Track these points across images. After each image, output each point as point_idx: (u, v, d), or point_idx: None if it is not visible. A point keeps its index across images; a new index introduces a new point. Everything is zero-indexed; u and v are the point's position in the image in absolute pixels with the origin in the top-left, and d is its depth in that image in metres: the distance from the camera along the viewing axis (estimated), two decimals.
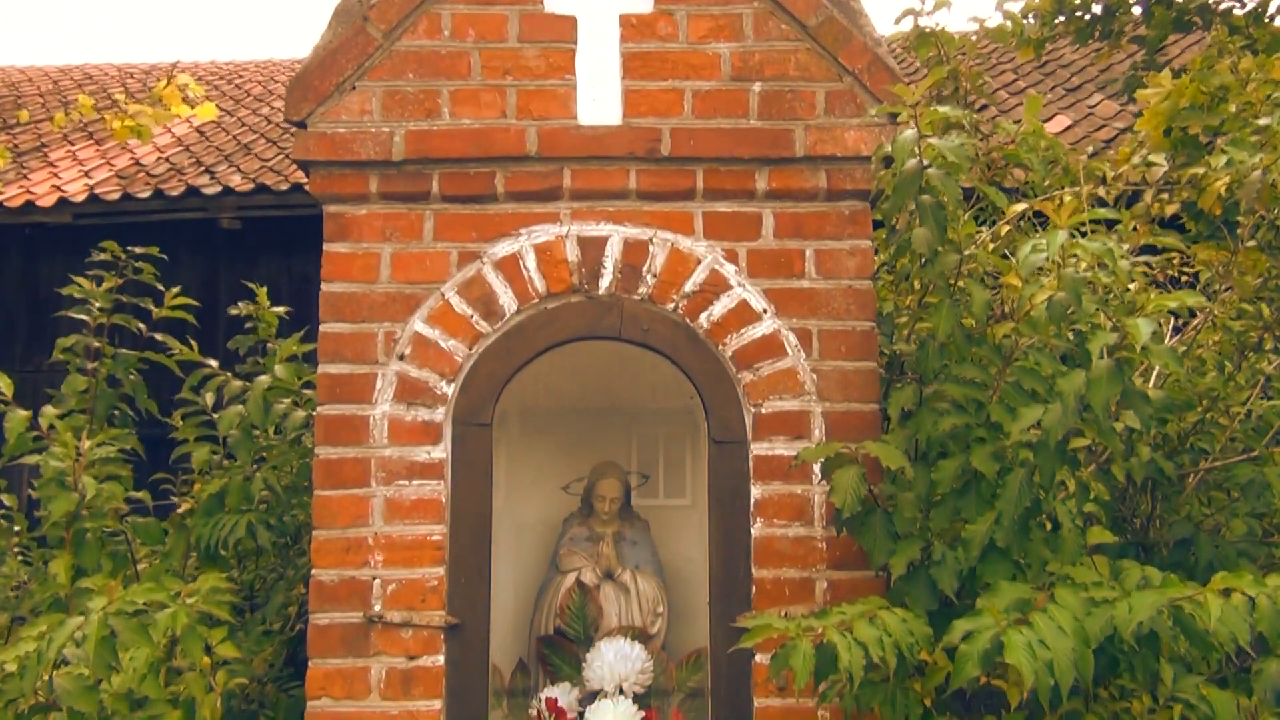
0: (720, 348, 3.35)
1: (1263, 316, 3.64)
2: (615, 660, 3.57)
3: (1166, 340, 2.93)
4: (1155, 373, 3.43)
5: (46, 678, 2.83)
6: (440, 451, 3.31)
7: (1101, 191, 3.81)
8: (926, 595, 2.94)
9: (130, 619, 2.76)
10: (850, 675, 2.63)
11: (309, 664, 3.19)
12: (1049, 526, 2.98)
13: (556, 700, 3.48)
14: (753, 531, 3.31)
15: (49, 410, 3.72)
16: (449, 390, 3.33)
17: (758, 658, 3.24)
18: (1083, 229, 3.18)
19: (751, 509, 3.31)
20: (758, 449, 3.32)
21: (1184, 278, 4.04)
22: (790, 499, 3.30)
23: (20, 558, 3.96)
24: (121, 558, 3.63)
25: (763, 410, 3.32)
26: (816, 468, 3.28)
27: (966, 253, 3.11)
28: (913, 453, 3.13)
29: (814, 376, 3.34)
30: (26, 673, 2.73)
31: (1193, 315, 3.84)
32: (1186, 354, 3.64)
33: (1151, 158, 3.85)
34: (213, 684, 3.02)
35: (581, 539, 3.90)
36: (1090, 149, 4.26)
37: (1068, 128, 8.40)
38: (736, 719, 3.28)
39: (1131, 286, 3.27)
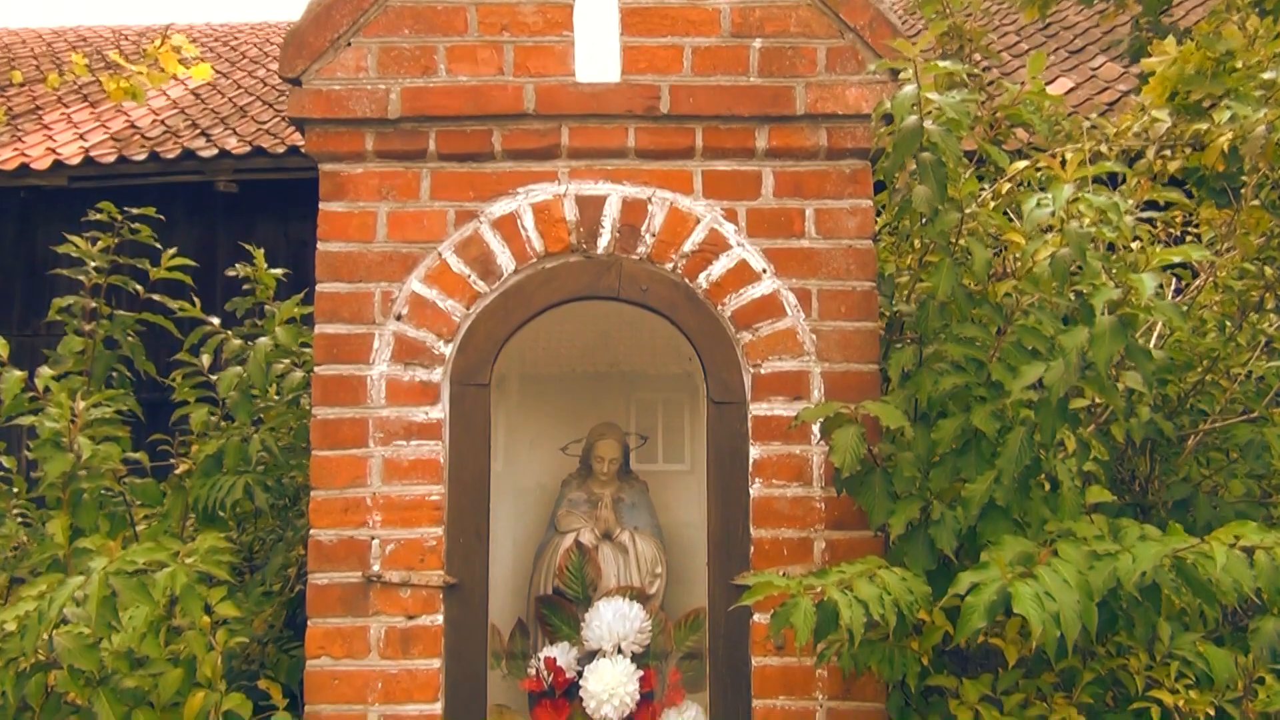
0: (719, 308, 3.32)
1: (1265, 276, 3.63)
2: (614, 620, 3.57)
3: (1168, 299, 2.92)
4: (1155, 334, 3.43)
5: (47, 637, 2.83)
6: (438, 412, 3.29)
7: (1104, 149, 3.79)
8: (925, 555, 2.94)
9: (130, 578, 2.76)
10: (850, 633, 2.63)
11: (308, 624, 3.19)
12: (1048, 486, 2.98)
13: (555, 659, 3.49)
14: (751, 492, 3.28)
15: (45, 371, 3.69)
16: (447, 350, 3.30)
17: (756, 617, 3.24)
18: (1086, 186, 3.15)
19: (750, 469, 3.29)
20: (756, 409, 3.29)
21: (1187, 237, 4.03)
22: (789, 459, 3.28)
23: (19, 519, 3.94)
24: (119, 518, 3.62)
25: (762, 370, 3.29)
26: (815, 428, 3.28)
27: (968, 211, 3.06)
28: (912, 413, 3.12)
29: (813, 337, 3.32)
30: (27, 632, 2.74)
31: (1195, 276, 3.83)
32: (1188, 314, 3.63)
33: (1155, 113, 3.82)
34: (213, 643, 3.01)
35: (580, 501, 3.89)
36: (1093, 113, 4.21)
37: (1070, 90, 8.34)
38: (734, 678, 3.26)
39: (1134, 245, 3.27)
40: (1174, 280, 3.68)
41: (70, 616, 2.82)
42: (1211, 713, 2.82)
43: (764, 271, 3.31)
